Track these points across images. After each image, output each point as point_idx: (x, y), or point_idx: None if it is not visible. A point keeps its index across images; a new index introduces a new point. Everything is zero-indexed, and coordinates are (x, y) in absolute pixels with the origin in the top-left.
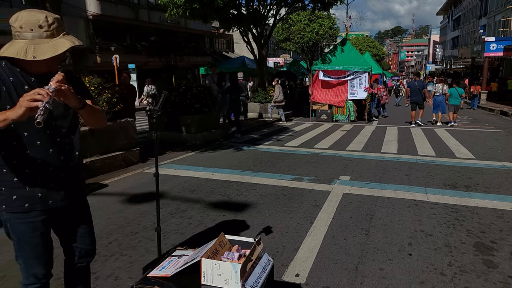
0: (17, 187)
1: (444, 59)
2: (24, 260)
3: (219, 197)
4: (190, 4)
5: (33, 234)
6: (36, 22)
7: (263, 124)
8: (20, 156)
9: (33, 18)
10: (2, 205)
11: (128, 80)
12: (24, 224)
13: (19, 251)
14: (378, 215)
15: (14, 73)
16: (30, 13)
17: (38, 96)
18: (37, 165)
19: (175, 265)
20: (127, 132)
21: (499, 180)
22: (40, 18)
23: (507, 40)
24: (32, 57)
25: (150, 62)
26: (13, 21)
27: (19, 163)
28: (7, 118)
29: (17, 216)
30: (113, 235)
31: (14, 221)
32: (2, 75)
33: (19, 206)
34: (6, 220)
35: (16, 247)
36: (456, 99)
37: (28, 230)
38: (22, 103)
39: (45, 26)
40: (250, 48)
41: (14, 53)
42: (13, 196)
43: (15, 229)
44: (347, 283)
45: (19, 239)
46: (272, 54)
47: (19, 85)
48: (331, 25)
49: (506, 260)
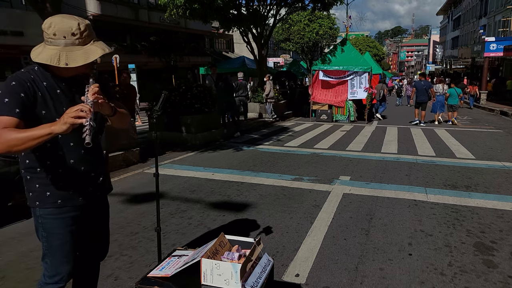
0: (50, 184)
1: (444, 59)
2: (52, 258)
3: (219, 197)
4: (190, 4)
5: (64, 231)
6: (69, 30)
7: (263, 124)
8: (54, 157)
9: (66, 26)
10: (36, 202)
11: (128, 80)
12: (56, 220)
13: (47, 249)
14: (378, 215)
15: (47, 77)
16: (63, 19)
17: (82, 114)
18: (69, 166)
19: (175, 265)
20: (127, 132)
21: (499, 180)
22: (73, 26)
23: (507, 40)
24: (64, 64)
25: (150, 62)
26: (46, 27)
27: (53, 163)
28: (52, 132)
29: (49, 212)
30: (113, 235)
31: (47, 217)
32: (36, 80)
33: (52, 202)
34: (38, 216)
35: (45, 245)
36: (454, 98)
37: (59, 226)
38: (67, 120)
39: (77, 33)
40: (250, 48)
41: (47, 60)
42: (47, 193)
43: (47, 225)
44: (347, 283)
45: (49, 236)
46: (272, 54)
47: (52, 89)
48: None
49: (506, 260)
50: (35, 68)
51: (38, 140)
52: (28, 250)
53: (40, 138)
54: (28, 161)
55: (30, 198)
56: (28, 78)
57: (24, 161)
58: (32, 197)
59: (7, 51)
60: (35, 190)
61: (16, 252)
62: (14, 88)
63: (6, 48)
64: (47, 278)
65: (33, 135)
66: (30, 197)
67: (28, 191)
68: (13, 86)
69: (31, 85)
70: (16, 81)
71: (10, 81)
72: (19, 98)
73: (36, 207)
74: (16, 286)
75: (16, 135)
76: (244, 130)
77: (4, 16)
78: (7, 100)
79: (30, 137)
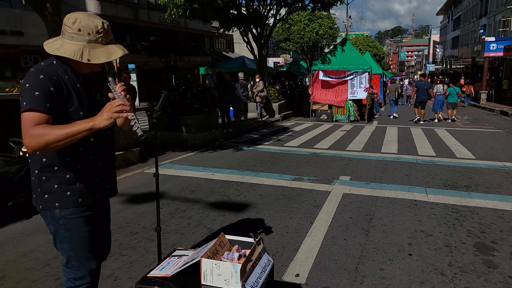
0: (70, 183)
1: (444, 59)
2: (78, 257)
3: (219, 197)
4: (190, 4)
5: (87, 228)
6: (94, 28)
7: (263, 124)
8: (74, 153)
9: (92, 23)
10: (56, 203)
11: (128, 80)
12: (79, 219)
13: (72, 249)
14: (378, 215)
15: (66, 71)
16: (89, 17)
17: (126, 107)
18: (88, 162)
19: (175, 265)
20: (127, 132)
21: (499, 180)
22: (98, 24)
23: (507, 40)
24: (87, 60)
25: (150, 62)
26: (71, 23)
27: (73, 160)
28: (93, 128)
29: (71, 211)
30: (112, 235)
31: (69, 217)
32: (60, 74)
33: (74, 201)
34: (59, 218)
35: (69, 246)
36: (453, 97)
37: (82, 224)
38: (111, 115)
39: (102, 32)
40: (250, 48)
41: (71, 54)
42: (67, 192)
43: (70, 225)
44: (347, 283)
45: (73, 236)
46: (272, 54)
47: (74, 83)
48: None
49: (506, 260)
50: (53, 62)
51: (78, 136)
52: (28, 250)
53: (80, 134)
54: (45, 159)
55: (46, 200)
56: (54, 71)
57: (40, 160)
58: (49, 198)
59: (7, 51)
60: (53, 191)
61: (16, 252)
62: (43, 81)
63: (6, 48)
64: (76, 281)
65: (73, 131)
66: (47, 199)
67: (43, 192)
68: (42, 79)
69: (57, 78)
70: (45, 75)
71: (38, 74)
72: (49, 92)
73: (56, 208)
74: (15, 286)
75: (55, 132)
76: (244, 130)
77: (4, 16)
78: (38, 94)
79: (70, 134)
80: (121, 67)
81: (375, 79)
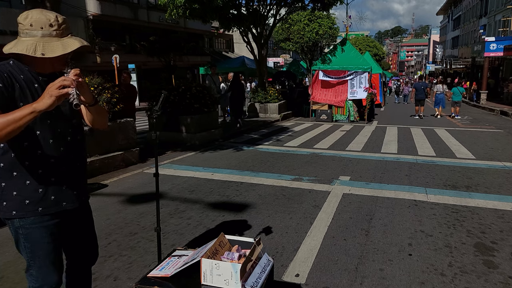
0: (29, 190)
1: (444, 59)
2: (38, 269)
3: (218, 198)
4: (190, 4)
5: (48, 239)
6: (47, 21)
7: (262, 124)
8: (32, 156)
9: (44, 17)
10: (13, 211)
11: (129, 80)
12: (39, 229)
13: (32, 259)
14: (378, 216)
15: (23, 71)
16: (41, 12)
17: (66, 82)
18: (50, 165)
19: (175, 265)
20: (126, 132)
21: (499, 180)
22: (51, 17)
23: (507, 40)
24: (41, 54)
25: (149, 62)
26: (23, 19)
27: (32, 163)
28: (35, 110)
29: (31, 221)
30: (112, 236)
31: (28, 227)
32: (13, 73)
33: (33, 211)
34: (18, 227)
35: (29, 256)
36: (457, 96)
37: (43, 235)
38: (52, 92)
39: (55, 25)
40: (250, 48)
41: (23, 49)
42: (26, 201)
43: (29, 236)
44: (347, 283)
45: (33, 246)
46: (272, 54)
47: (29, 82)
48: (331, 25)
49: (506, 261)
50: (10, 62)
51: (21, 123)
52: None
53: (23, 120)
54: (2, 164)
55: (5, 207)
56: (4, 69)
57: None
58: (7, 206)
59: None
60: (11, 199)
61: (14, 252)
62: None
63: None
64: None
65: (15, 117)
66: (5, 207)
67: (2, 199)
68: None
69: (8, 76)
70: None
71: None
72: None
73: (13, 218)
74: (14, 287)
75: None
76: (244, 130)
77: (3, 16)
78: None
79: (11, 120)
80: (121, 67)
81: (375, 79)
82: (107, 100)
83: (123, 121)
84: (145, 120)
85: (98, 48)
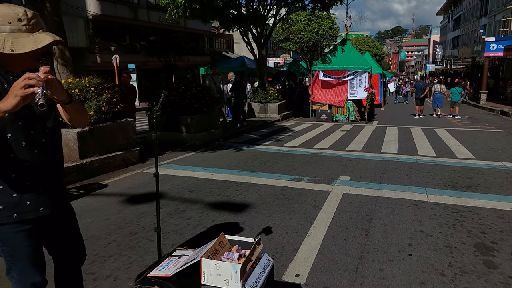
0: (3, 195)
1: (444, 59)
2: (20, 271)
3: (218, 198)
4: (190, 4)
5: (28, 243)
6: (15, 16)
7: (262, 124)
8: (4, 160)
9: (12, 12)
10: None
11: (129, 80)
12: (19, 233)
13: (12, 263)
14: (378, 216)
15: None
16: (9, 6)
17: (32, 81)
18: (24, 169)
19: (175, 265)
20: (126, 132)
21: (499, 181)
22: (19, 12)
23: (507, 40)
24: (10, 50)
25: (149, 62)
26: None
27: (4, 167)
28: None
29: (7, 228)
30: (112, 236)
31: (5, 233)
32: None
33: (7, 217)
34: None
35: (8, 259)
36: (456, 96)
37: (21, 239)
38: (16, 92)
39: (24, 20)
40: (250, 48)
41: None
42: (0, 207)
43: (7, 241)
44: (347, 283)
45: (12, 250)
46: (272, 54)
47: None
48: (331, 25)
49: (506, 261)
50: None
51: None
52: None
53: None
54: None
55: None
56: None
57: None
58: None
59: None
60: None
61: None
62: None
63: None
64: None
65: None
66: None
67: None
68: None
69: None
70: None
71: None
72: None
73: None
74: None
75: None
76: (244, 130)
77: None
78: None
79: None
80: (121, 67)
81: (375, 79)
82: (107, 100)
83: (123, 121)
84: (145, 120)
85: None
